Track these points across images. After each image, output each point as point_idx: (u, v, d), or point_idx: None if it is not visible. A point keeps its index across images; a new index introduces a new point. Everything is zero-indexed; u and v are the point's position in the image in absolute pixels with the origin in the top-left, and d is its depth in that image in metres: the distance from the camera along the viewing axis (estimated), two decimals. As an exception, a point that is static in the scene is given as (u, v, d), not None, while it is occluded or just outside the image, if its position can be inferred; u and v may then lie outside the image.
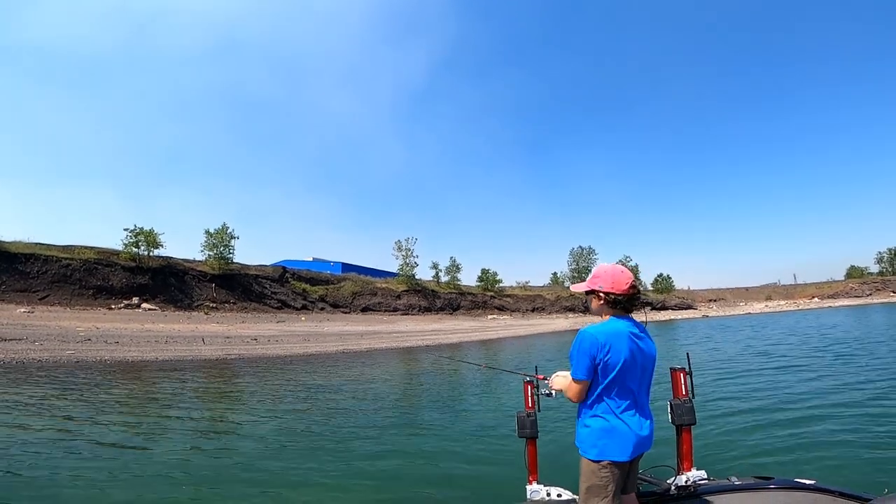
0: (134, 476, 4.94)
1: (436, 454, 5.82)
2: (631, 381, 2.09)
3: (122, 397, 9.55)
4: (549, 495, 2.77)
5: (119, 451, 5.85)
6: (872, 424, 6.25)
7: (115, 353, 16.03)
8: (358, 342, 25.93)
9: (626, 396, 2.10)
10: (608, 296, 2.16)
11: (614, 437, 2.06)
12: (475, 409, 8.53)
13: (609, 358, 2.05)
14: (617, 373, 2.05)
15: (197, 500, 4.31)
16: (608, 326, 2.13)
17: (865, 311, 48.09)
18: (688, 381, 2.86)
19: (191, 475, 5.00)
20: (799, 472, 3.87)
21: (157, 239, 38.85)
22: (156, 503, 4.27)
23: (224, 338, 23.55)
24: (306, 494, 4.50)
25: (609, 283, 2.16)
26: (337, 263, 62.68)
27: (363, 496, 4.48)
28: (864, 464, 4.94)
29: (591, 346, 2.07)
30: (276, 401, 9.44)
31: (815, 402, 7.93)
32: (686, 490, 2.64)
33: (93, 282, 34.31)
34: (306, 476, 4.98)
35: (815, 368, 11.81)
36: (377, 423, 7.54)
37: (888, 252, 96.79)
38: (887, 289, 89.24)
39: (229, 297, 41.35)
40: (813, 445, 5.59)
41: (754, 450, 5.59)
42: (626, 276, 2.18)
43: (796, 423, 6.66)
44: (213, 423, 7.56)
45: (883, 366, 11.33)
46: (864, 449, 5.37)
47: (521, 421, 2.95)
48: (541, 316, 63.61)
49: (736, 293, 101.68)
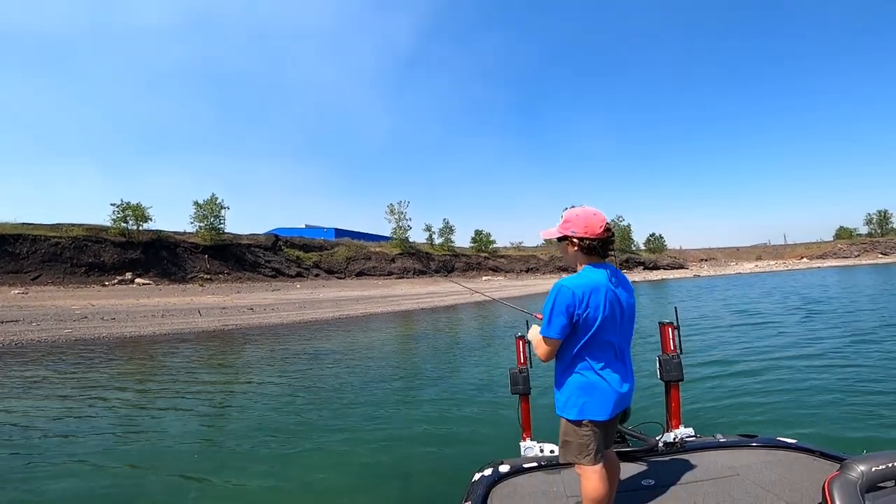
0: (144, 449, 5.12)
1: (433, 416, 6.02)
2: (611, 334, 1.94)
3: (124, 373, 9.68)
4: (542, 451, 2.81)
5: (128, 424, 6.05)
6: (812, 374, 7.06)
7: (112, 330, 16.11)
8: (354, 307, 26.16)
9: (606, 350, 1.95)
10: (582, 241, 1.98)
11: (594, 394, 1.93)
12: (472, 371, 8.75)
13: (588, 313, 1.89)
14: (597, 328, 1.90)
15: (202, 471, 4.46)
16: (585, 278, 1.94)
17: (851, 272, 48.95)
18: (676, 335, 2.87)
19: (196, 446, 5.18)
20: (737, 422, 4.14)
21: (145, 213, 38.36)
22: (164, 474, 4.42)
23: (220, 309, 23.67)
24: (308, 459, 4.67)
25: (582, 227, 1.98)
26: (330, 229, 62.43)
27: (363, 459, 4.64)
28: (791, 405, 5.67)
29: (568, 302, 1.88)
30: (275, 370, 9.61)
31: (772, 355, 8.65)
32: (673, 447, 2.72)
33: (84, 259, 34.07)
34: (308, 443, 5.15)
35: (779, 326, 12.62)
36: (375, 387, 7.73)
37: (878, 214, 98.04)
38: (875, 250, 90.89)
39: (223, 267, 41.31)
40: (750, 394, 6.23)
41: (697, 400, 5.96)
42: (599, 219, 1.99)
43: (748, 374, 7.30)
44: (214, 394, 7.72)
45: (840, 325, 12.08)
46: (789, 396, 6.10)
47: (514, 377, 2.95)
48: (535, 276, 64.25)
49: (727, 253, 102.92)
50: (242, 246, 44.41)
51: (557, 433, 2.05)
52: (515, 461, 2.70)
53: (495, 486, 2.46)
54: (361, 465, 4.52)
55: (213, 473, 4.40)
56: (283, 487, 4.09)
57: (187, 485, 4.19)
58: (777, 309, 17.01)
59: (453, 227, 64.36)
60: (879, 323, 11.89)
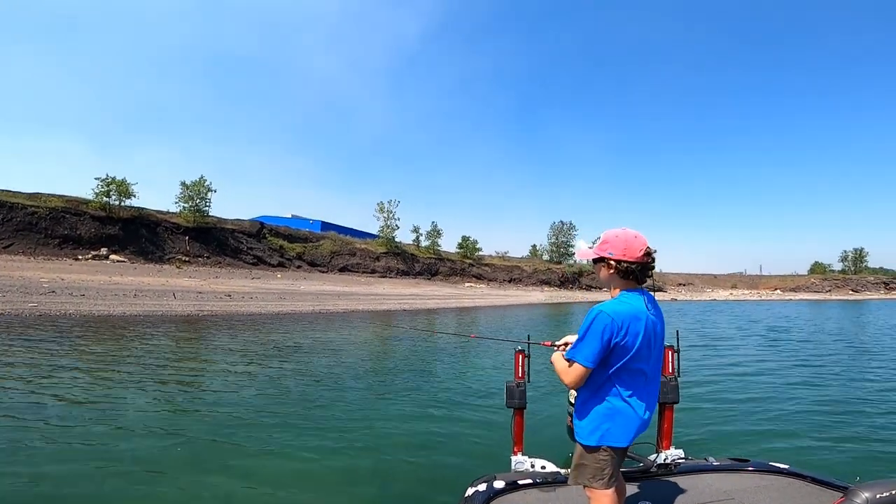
0: (95, 441, 4.72)
1: (415, 422, 5.76)
2: (644, 362, 1.88)
3: (85, 354, 9.21)
4: (532, 466, 2.78)
5: (81, 412, 5.62)
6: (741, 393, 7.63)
7: (80, 307, 15.51)
8: (335, 303, 25.77)
9: (636, 377, 1.88)
10: (619, 264, 1.89)
11: (618, 421, 1.87)
12: (453, 377, 8.51)
13: (625, 341, 1.81)
14: (630, 356, 1.83)
15: (162, 467, 4.13)
16: (625, 306, 1.86)
17: (821, 306, 50.38)
18: (675, 358, 2.90)
19: (156, 440, 4.81)
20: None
21: (129, 189, 37.29)
22: (119, 467, 4.07)
23: (196, 293, 23.06)
24: (278, 462, 4.37)
25: (621, 249, 1.89)
26: (317, 221, 61.65)
27: (338, 464, 4.36)
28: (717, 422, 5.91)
29: (607, 329, 1.79)
30: (248, 362, 9.24)
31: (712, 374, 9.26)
32: (667, 468, 2.73)
33: (59, 231, 32.95)
34: (278, 442, 4.84)
35: (739, 348, 13.58)
36: (353, 388, 7.44)
37: (853, 251, 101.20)
38: (846, 286, 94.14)
39: (203, 251, 40.41)
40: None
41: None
42: (640, 242, 1.91)
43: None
44: (181, 384, 7.34)
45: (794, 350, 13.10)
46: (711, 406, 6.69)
47: (511, 391, 2.90)
48: (517, 287, 64.38)
49: (704, 279, 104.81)
50: (226, 230, 43.52)
51: (547, 447, 2.03)
52: (509, 476, 2.66)
53: (491, 503, 2.43)
54: (337, 469, 4.25)
55: (174, 469, 4.08)
56: (251, 489, 3.79)
57: (146, 481, 3.86)
58: (738, 332, 17.19)
59: (441, 230, 64.21)
60: (839, 352, 12.05)
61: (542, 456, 2.85)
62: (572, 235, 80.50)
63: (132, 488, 3.76)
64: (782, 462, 2.89)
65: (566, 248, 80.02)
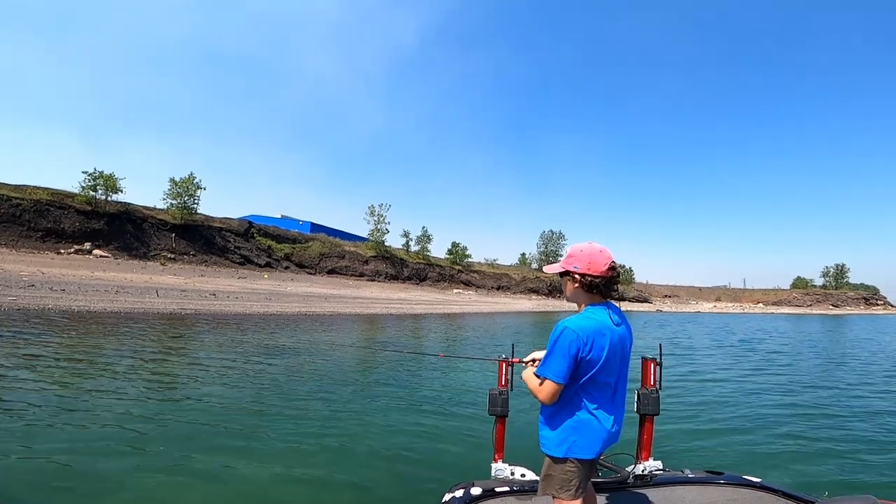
0: (70, 440, 4.63)
1: (395, 428, 5.71)
2: (610, 375, 1.89)
3: (62, 351, 9.05)
4: (513, 474, 2.78)
5: (55, 411, 5.50)
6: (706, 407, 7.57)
7: (59, 302, 15.24)
8: (322, 305, 25.62)
9: (603, 391, 1.90)
10: (584, 278, 1.90)
11: (583, 433, 1.88)
12: (436, 384, 8.48)
13: (591, 355, 1.82)
14: (596, 370, 1.84)
15: (137, 468, 4.06)
16: (590, 321, 1.87)
17: (802, 320, 51.34)
18: (657, 371, 2.90)
19: (132, 440, 4.73)
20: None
21: (116, 183, 36.72)
22: (92, 467, 3.99)
23: (180, 291, 22.78)
24: (254, 465, 4.31)
25: (585, 263, 1.90)
26: (306, 223, 61.29)
27: (316, 471, 4.31)
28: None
29: (573, 345, 1.80)
30: (230, 362, 9.14)
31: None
32: (643, 480, 2.73)
33: (43, 224, 32.36)
34: (252, 449, 4.76)
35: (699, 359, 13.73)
36: (335, 392, 7.37)
37: (835, 267, 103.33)
38: (827, 301, 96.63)
39: (189, 248, 39.95)
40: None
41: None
42: (605, 257, 1.91)
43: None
44: (160, 384, 7.23)
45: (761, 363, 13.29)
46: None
47: (493, 398, 2.89)
48: (505, 295, 64.54)
49: (690, 291, 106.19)
50: (213, 228, 43.08)
51: (528, 456, 2.03)
52: (487, 483, 2.65)
53: None
54: (314, 475, 4.19)
55: (148, 471, 4.01)
56: (225, 494, 3.74)
57: (119, 482, 3.78)
58: (713, 343, 17.40)
59: (431, 236, 64.20)
60: (816, 370, 12.27)
61: (522, 464, 2.86)
62: (561, 244, 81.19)
63: (101, 486, 3.70)
64: (755, 476, 2.93)
65: (555, 257, 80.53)
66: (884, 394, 9.14)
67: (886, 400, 8.55)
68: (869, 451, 5.48)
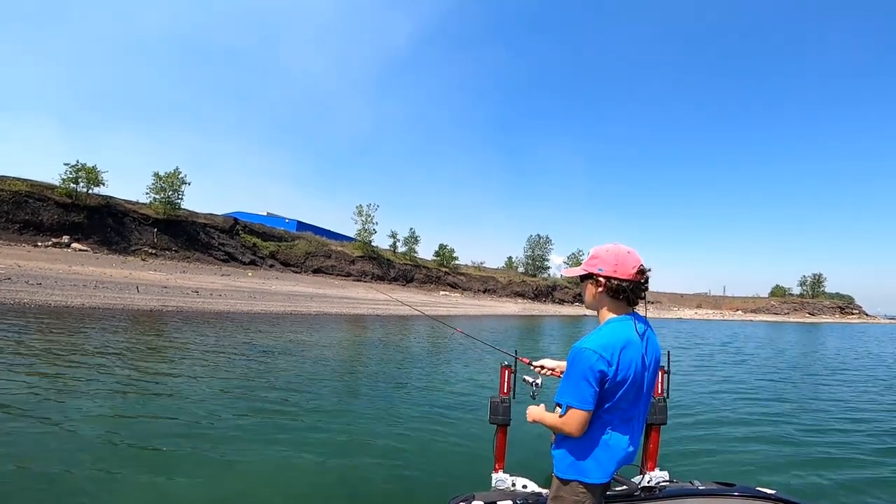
0: (42, 444, 4.38)
1: (390, 435, 5.50)
2: (636, 392, 1.72)
3: (36, 347, 8.70)
4: (514, 485, 2.69)
5: (27, 411, 5.23)
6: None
7: (35, 296, 14.74)
8: (307, 304, 25.29)
9: (627, 409, 1.72)
10: (609, 282, 1.71)
11: (600, 456, 1.72)
12: (427, 387, 8.32)
13: (617, 377, 1.64)
14: (624, 390, 1.67)
15: (114, 473, 3.86)
16: (614, 336, 1.67)
17: (779, 327, 52.32)
18: (665, 379, 2.87)
19: (108, 443, 4.51)
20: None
21: (98, 176, 35.83)
22: (67, 474, 3.78)
23: (161, 287, 22.26)
24: (239, 473, 4.11)
25: (612, 265, 1.71)
26: (292, 221, 60.62)
27: (308, 478, 4.13)
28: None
29: (598, 368, 1.62)
30: (212, 362, 8.88)
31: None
32: (652, 491, 2.63)
33: (20, 216, 31.42)
34: (240, 450, 4.56)
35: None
36: (322, 394, 7.18)
37: (812, 276, 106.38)
38: (804, 310, 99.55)
39: (171, 244, 39.16)
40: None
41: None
42: (634, 258, 1.73)
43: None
44: (138, 384, 6.96)
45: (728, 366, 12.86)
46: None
47: (495, 406, 2.80)
48: (491, 298, 64.58)
49: (672, 298, 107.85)
50: (197, 224, 42.29)
51: (530, 466, 1.91)
52: (488, 495, 2.56)
53: None
54: (306, 484, 4.01)
55: (127, 477, 3.81)
56: (214, 496, 3.57)
57: (96, 486, 3.58)
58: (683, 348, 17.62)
59: (419, 237, 64.00)
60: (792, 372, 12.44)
61: (524, 475, 2.76)
62: (548, 249, 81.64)
63: (76, 491, 3.50)
64: (769, 487, 2.84)
65: (542, 262, 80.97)
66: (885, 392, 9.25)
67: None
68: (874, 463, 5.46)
